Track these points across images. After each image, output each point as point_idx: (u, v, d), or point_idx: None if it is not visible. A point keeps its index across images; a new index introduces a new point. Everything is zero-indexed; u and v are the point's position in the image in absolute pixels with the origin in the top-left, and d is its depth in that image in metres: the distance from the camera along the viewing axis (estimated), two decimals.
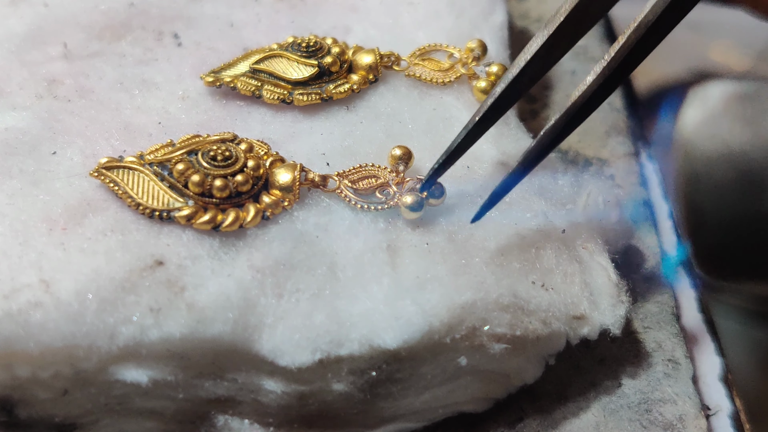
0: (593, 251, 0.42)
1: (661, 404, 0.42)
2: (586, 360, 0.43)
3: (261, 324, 0.36)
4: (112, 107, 0.43)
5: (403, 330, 0.36)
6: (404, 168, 0.40)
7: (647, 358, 0.44)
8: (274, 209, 0.39)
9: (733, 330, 0.58)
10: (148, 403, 0.37)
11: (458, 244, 0.39)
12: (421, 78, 0.46)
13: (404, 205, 0.39)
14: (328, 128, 0.43)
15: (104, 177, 0.38)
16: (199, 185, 0.38)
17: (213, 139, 0.40)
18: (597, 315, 0.40)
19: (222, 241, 0.38)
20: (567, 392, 0.43)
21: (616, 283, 0.41)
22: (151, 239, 0.37)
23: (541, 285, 0.39)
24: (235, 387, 0.38)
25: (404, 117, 0.44)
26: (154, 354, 0.35)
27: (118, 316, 0.35)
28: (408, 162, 0.40)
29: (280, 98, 0.44)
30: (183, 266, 0.36)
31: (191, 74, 0.45)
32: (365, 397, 0.38)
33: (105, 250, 0.36)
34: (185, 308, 0.35)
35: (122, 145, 0.41)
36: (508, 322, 0.38)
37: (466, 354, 0.38)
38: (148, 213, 0.38)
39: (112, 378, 0.36)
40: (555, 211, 0.42)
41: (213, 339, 0.36)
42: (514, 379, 0.41)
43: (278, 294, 0.37)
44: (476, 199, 0.41)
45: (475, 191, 0.42)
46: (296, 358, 0.36)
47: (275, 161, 0.40)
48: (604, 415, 0.42)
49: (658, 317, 0.45)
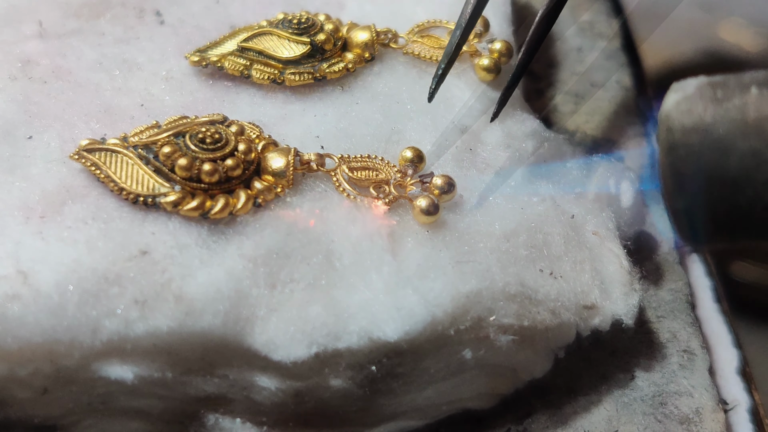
0: (604, 237, 0.42)
1: (677, 397, 0.42)
2: (597, 352, 0.43)
3: (253, 316, 0.36)
4: (91, 89, 0.42)
5: (405, 321, 0.36)
6: (413, 172, 0.40)
7: (661, 349, 0.44)
8: (266, 195, 0.38)
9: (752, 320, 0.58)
10: (134, 402, 0.37)
11: (462, 230, 0.39)
12: (420, 56, 0.46)
13: (419, 208, 0.39)
14: (321, 110, 0.43)
15: (85, 160, 0.38)
16: (186, 169, 0.38)
17: (202, 120, 0.40)
18: (608, 304, 0.40)
19: (211, 228, 0.37)
20: (577, 386, 0.43)
21: (629, 270, 0.41)
22: (135, 227, 0.37)
23: (549, 273, 0.39)
24: (226, 384, 0.37)
25: (402, 97, 0.44)
26: (140, 349, 0.35)
27: (101, 308, 0.35)
28: (419, 165, 0.40)
29: (271, 78, 0.43)
30: (170, 255, 0.36)
31: (175, 53, 0.45)
32: (364, 393, 0.38)
33: (86, 239, 0.36)
34: (172, 300, 0.35)
35: (102, 128, 0.40)
36: (515, 313, 0.38)
37: (471, 347, 0.38)
38: (132, 199, 0.37)
39: (95, 375, 0.35)
40: (563, 195, 0.42)
41: (202, 332, 0.35)
42: (522, 373, 0.41)
43: (271, 284, 0.36)
44: (480, 184, 0.41)
45: (479, 174, 0.42)
46: (291, 353, 0.36)
47: (268, 145, 0.40)
48: (617, 409, 0.42)
49: (673, 306, 0.45)
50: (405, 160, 0.41)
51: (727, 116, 0.28)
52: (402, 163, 0.41)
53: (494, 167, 0.42)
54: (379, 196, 0.39)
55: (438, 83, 0.42)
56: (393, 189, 0.40)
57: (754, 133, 0.28)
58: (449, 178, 0.40)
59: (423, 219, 0.39)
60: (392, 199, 0.39)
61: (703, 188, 0.29)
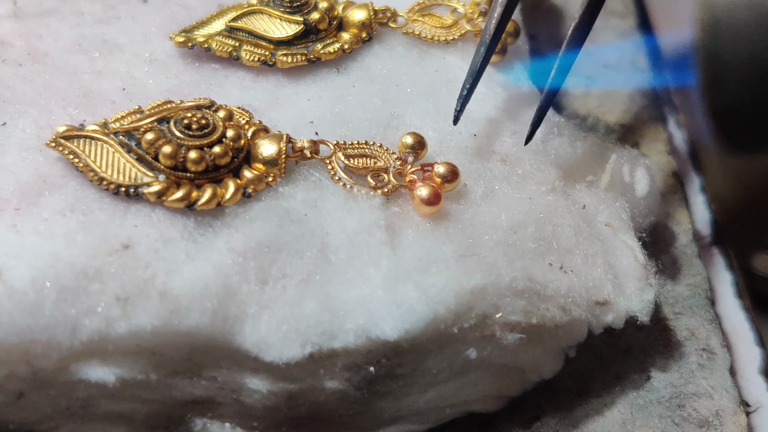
0: (617, 228, 0.42)
1: (695, 399, 0.42)
2: (610, 351, 0.44)
3: (243, 314, 0.36)
4: (69, 72, 0.42)
5: (405, 319, 0.36)
6: (414, 159, 0.40)
7: (679, 347, 0.44)
8: (256, 185, 0.38)
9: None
10: (116, 406, 0.37)
11: (465, 222, 0.39)
12: (421, 36, 0.46)
13: (419, 198, 0.38)
14: (315, 93, 0.43)
15: (63, 148, 0.38)
16: (171, 157, 0.37)
17: (187, 105, 0.40)
18: (622, 300, 0.40)
19: (198, 221, 0.37)
20: (589, 387, 0.43)
21: (644, 264, 0.41)
22: (116, 219, 0.37)
23: (559, 267, 0.39)
24: (215, 386, 0.37)
25: (402, 80, 0.44)
26: (122, 349, 0.35)
27: (81, 306, 0.35)
28: (420, 152, 0.40)
29: (261, 60, 0.43)
30: (153, 249, 0.36)
31: (159, 34, 0.44)
32: (362, 395, 0.38)
33: (64, 233, 0.36)
34: (157, 297, 0.35)
35: (81, 114, 0.40)
36: (522, 309, 0.38)
37: (476, 345, 0.38)
38: (113, 189, 0.37)
39: (74, 378, 0.35)
40: (574, 183, 0.42)
41: (189, 332, 0.35)
42: (530, 373, 0.41)
43: (262, 280, 0.36)
44: (485, 172, 0.41)
45: (484, 162, 0.42)
46: (284, 353, 0.36)
47: (258, 131, 0.40)
48: (632, 411, 0.42)
49: (691, 302, 0.45)
50: (405, 147, 0.40)
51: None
52: (402, 149, 0.40)
53: (500, 154, 0.42)
54: (377, 186, 0.39)
55: (463, 105, 0.41)
56: (392, 177, 0.40)
57: None
58: (452, 166, 0.40)
59: (424, 209, 0.39)
60: (391, 189, 0.39)
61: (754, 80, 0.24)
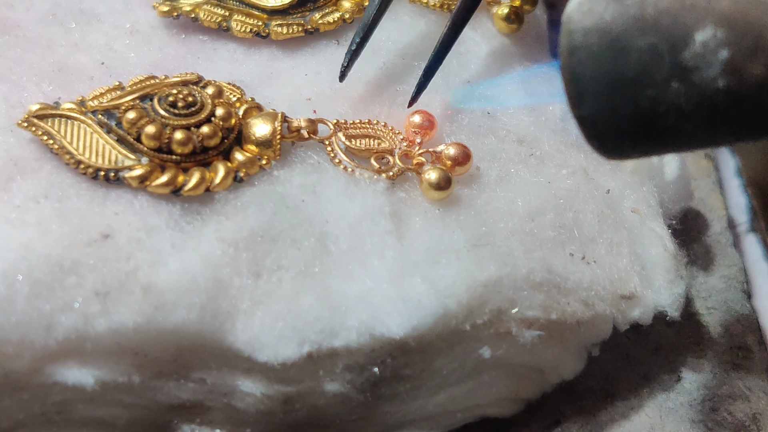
0: (645, 215, 0.42)
1: (730, 401, 0.42)
2: (637, 349, 0.44)
3: (235, 310, 0.36)
4: (42, 44, 0.42)
5: (412, 315, 0.36)
6: (422, 140, 0.40)
7: (712, 345, 0.44)
8: (249, 168, 0.38)
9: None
10: (95, 412, 0.37)
11: (478, 208, 0.39)
12: (429, 4, 0.46)
13: (428, 182, 0.39)
14: (314, 67, 0.43)
15: (36, 128, 0.38)
16: (155, 138, 0.37)
17: (172, 81, 0.39)
18: (650, 294, 0.40)
19: (184, 208, 0.37)
20: (614, 389, 0.43)
21: (674, 254, 0.41)
22: (95, 206, 0.37)
23: (581, 257, 0.39)
24: (204, 389, 0.37)
25: (408, 52, 0.44)
26: (102, 349, 0.35)
27: (56, 302, 0.34)
28: (428, 132, 0.40)
29: (254, 31, 0.43)
30: (136, 239, 0.36)
31: (141, 3, 0.45)
32: (365, 399, 0.38)
33: (38, 221, 0.36)
34: (140, 291, 0.35)
35: (56, 91, 0.40)
36: (541, 304, 0.38)
37: (490, 344, 0.38)
38: (92, 173, 0.37)
39: (49, 380, 0.35)
40: (597, 166, 0.42)
41: (175, 329, 0.35)
42: (550, 374, 0.41)
43: (255, 272, 0.36)
44: (500, 154, 0.41)
45: (499, 143, 0.41)
46: (279, 352, 0.35)
47: (250, 109, 0.40)
48: (661, 415, 0.42)
49: (725, 296, 0.46)
50: (412, 126, 0.40)
51: (626, 13, 0.30)
52: (408, 129, 0.40)
53: (516, 134, 0.42)
54: (381, 169, 0.39)
55: (351, 60, 0.41)
56: (398, 160, 0.40)
57: (652, 29, 0.30)
58: (464, 147, 0.40)
59: (433, 194, 0.39)
60: (397, 172, 0.39)
61: (605, 92, 0.31)
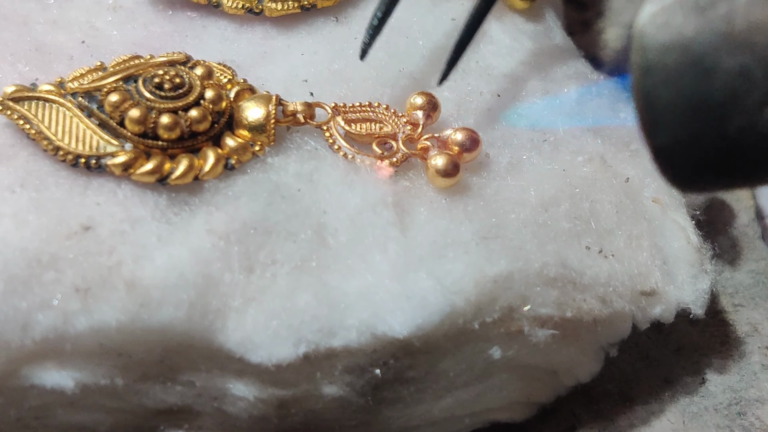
0: (667, 205, 0.41)
1: (759, 405, 0.42)
2: (658, 349, 0.44)
3: (226, 308, 0.36)
4: (18, 21, 0.42)
5: (417, 312, 0.36)
6: (425, 122, 0.40)
7: (739, 345, 0.44)
8: (241, 155, 0.38)
9: None
10: (76, 417, 0.37)
11: (488, 198, 0.39)
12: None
13: (435, 169, 0.38)
14: (310, 47, 0.43)
15: (11, 112, 0.38)
16: (139, 122, 0.37)
17: (158, 61, 0.39)
18: (672, 290, 0.40)
19: (171, 198, 0.37)
20: (634, 392, 0.43)
21: (698, 247, 0.41)
22: (75, 196, 0.36)
23: (598, 251, 0.39)
24: (192, 393, 0.37)
25: (413, 30, 0.44)
26: (83, 349, 0.35)
27: (33, 299, 0.34)
28: (432, 114, 0.40)
29: (246, 7, 0.43)
30: (119, 232, 0.36)
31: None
32: (366, 403, 0.38)
33: (13, 212, 0.35)
34: (123, 288, 0.35)
35: (33, 71, 0.40)
36: (555, 301, 0.38)
37: (501, 344, 0.38)
38: (71, 160, 0.37)
39: (26, 383, 0.35)
40: (616, 153, 0.42)
41: (161, 328, 0.35)
42: (564, 376, 0.41)
43: (248, 267, 0.36)
44: (511, 139, 0.41)
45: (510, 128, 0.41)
46: (274, 353, 0.35)
47: (242, 91, 0.39)
48: (684, 420, 0.42)
49: (753, 291, 0.45)
50: (415, 109, 0.40)
51: (711, 28, 0.28)
52: (411, 112, 0.40)
53: (529, 118, 0.42)
54: (383, 155, 0.39)
55: (372, 37, 0.40)
56: (402, 145, 0.39)
57: (743, 47, 0.28)
58: (472, 132, 0.39)
59: (440, 182, 0.39)
60: (400, 158, 0.39)
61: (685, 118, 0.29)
